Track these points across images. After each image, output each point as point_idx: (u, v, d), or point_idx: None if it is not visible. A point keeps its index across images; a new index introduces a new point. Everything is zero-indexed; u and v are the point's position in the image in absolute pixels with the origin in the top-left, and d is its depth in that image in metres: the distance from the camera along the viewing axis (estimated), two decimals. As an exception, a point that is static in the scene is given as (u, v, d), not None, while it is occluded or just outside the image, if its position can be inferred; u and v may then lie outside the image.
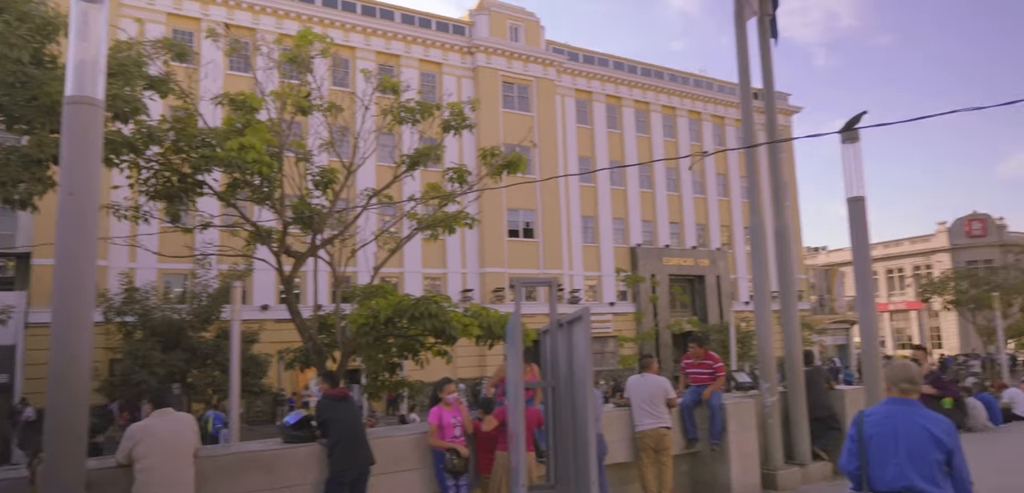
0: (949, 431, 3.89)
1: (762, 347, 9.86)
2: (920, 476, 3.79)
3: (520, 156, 14.44)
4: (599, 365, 36.63)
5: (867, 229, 8.16)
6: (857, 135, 8.57)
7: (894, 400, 4.07)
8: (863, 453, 3.99)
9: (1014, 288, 37.20)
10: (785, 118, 48.67)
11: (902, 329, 55.53)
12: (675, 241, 42.70)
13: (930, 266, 52.11)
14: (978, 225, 52.62)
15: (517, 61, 37.90)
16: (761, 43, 11.03)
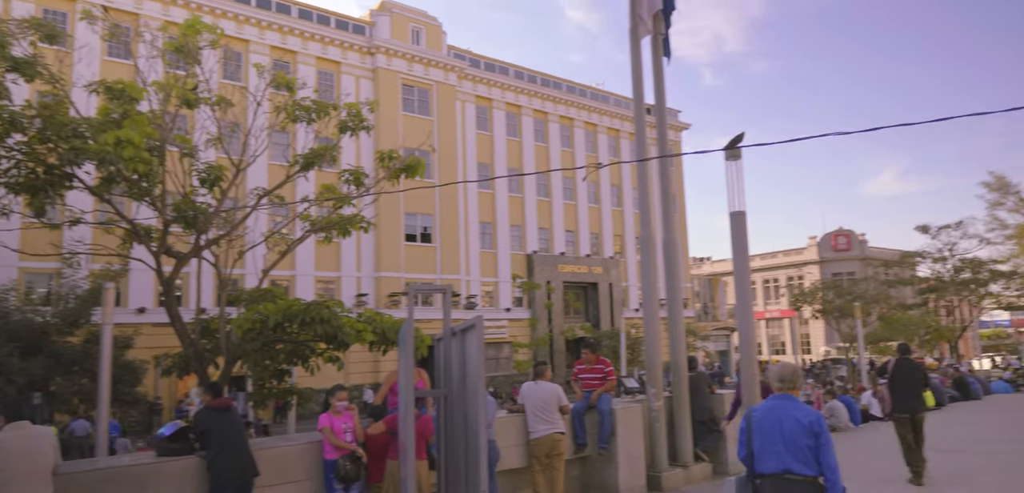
0: (818, 422, 4.62)
1: (650, 353, 10.24)
2: (795, 460, 4.51)
3: (419, 160, 14.31)
4: (494, 371, 36.85)
5: (747, 241, 8.64)
6: (739, 153, 9.07)
7: (776, 396, 4.78)
8: (750, 442, 4.73)
9: (873, 298, 40.58)
10: (675, 133, 50.94)
11: (776, 335, 59.34)
12: (570, 249, 43.66)
13: (802, 277, 56.01)
14: (843, 240, 57.04)
15: (418, 64, 37.61)
16: (654, 61, 11.48)
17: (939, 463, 10.10)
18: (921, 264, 43.82)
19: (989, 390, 22.88)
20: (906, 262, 45.99)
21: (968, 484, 9.41)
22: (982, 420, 16.12)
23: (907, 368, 10.13)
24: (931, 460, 9.64)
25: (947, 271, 39.79)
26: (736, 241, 8.72)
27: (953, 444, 12.36)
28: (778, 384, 4.82)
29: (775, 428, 4.63)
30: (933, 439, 10.43)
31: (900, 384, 10.00)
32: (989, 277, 39.34)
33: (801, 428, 4.55)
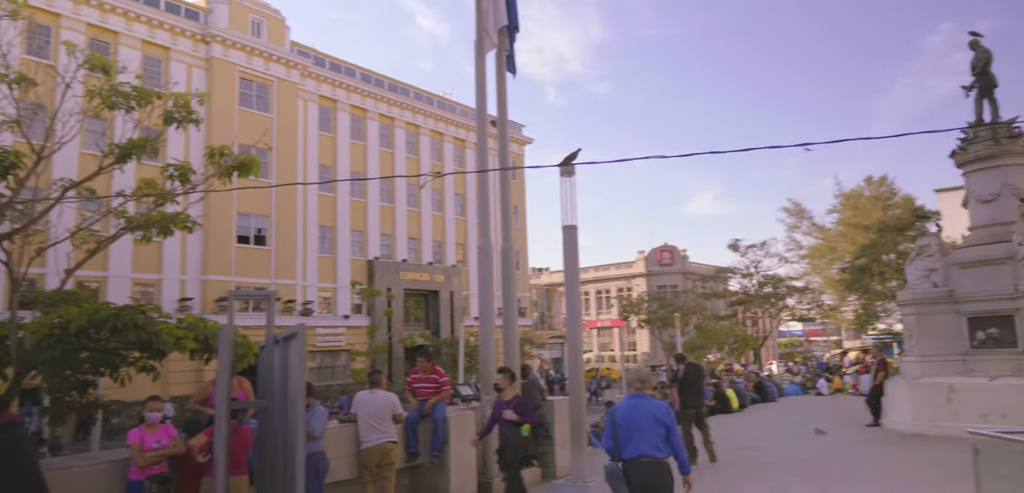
0: (667, 413, 5.76)
1: (485, 361, 10.46)
2: (650, 445, 5.60)
3: (253, 158, 13.59)
4: (330, 380, 35.76)
5: (577, 254, 9.13)
6: (573, 170, 9.56)
7: (633, 395, 5.88)
8: (615, 434, 5.73)
9: (690, 309, 44.26)
10: (519, 147, 52.41)
11: (606, 344, 62.77)
12: (413, 256, 43.46)
13: (631, 289, 59.71)
14: (667, 255, 61.58)
15: (258, 58, 35.74)
16: (498, 75, 11.79)
17: (739, 453, 11.22)
18: (732, 279, 48.40)
19: (783, 392, 25.76)
20: (719, 277, 50.55)
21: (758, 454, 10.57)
22: (775, 418, 18.06)
23: (692, 372, 12.10)
24: (737, 450, 10.70)
25: (753, 286, 44.26)
26: (568, 254, 9.18)
27: (751, 437, 13.80)
28: (639, 384, 5.92)
29: (634, 420, 5.67)
30: (737, 431, 11.57)
31: (686, 386, 11.83)
32: (786, 292, 44.26)
33: (654, 419, 5.65)
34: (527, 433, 7.90)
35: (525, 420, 7.91)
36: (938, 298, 14.64)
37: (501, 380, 8.30)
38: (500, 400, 8.22)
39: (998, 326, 13.77)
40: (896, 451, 12.25)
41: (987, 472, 7.59)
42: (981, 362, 13.83)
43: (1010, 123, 15.22)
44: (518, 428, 7.88)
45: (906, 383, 14.52)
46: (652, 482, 5.57)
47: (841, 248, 48.25)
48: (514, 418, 7.89)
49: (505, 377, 8.29)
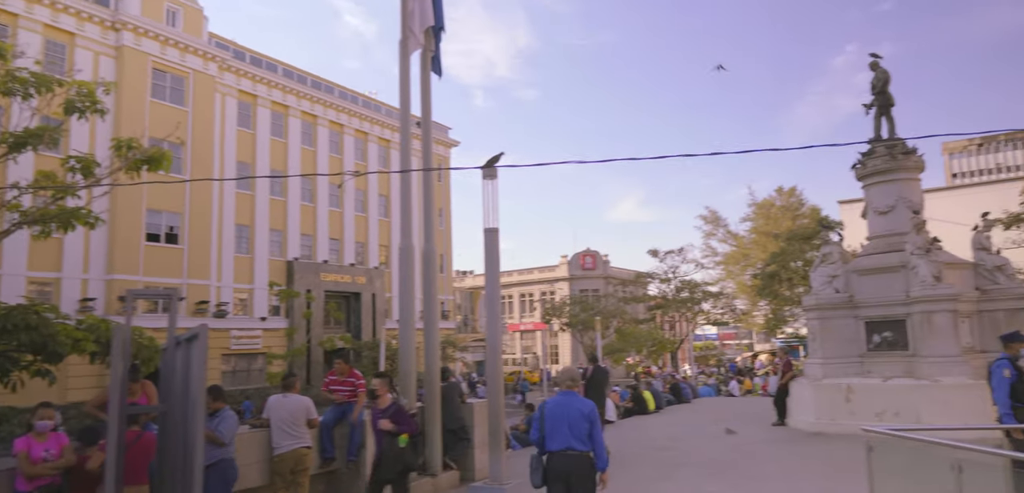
0: (592, 411, 6.24)
1: (404, 364, 10.35)
2: (575, 439, 6.06)
3: (164, 152, 13.08)
4: (246, 383, 34.58)
5: (498, 257, 9.18)
6: (495, 173, 9.61)
7: (563, 392, 6.34)
8: (543, 427, 6.22)
9: (611, 313, 45.17)
10: (444, 149, 52.18)
11: (529, 346, 63.28)
12: (334, 257, 42.57)
13: (553, 292, 60.42)
14: (590, 260, 62.65)
15: (173, 48, 34.17)
16: (422, 75, 11.72)
17: (655, 453, 11.51)
18: (651, 284, 49.73)
19: (697, 394, 26.66)
20: (639, 281, 51.83)
21: (674, 476, 10.92)
22: (689, 418, 18.63)
23: (598, 374, 13.56)
24: (653, 451, 10.96)
25: (671, 291, 45.63)
26: (489, 256, 9.22)
27: (667, 437, 14.20)
28: (569, 383, 6.42)
29: (562, 416, 6.15)
30: (654, 432, 11.86)
31: (591, 385, 13.01)
32: (702, 297, 45.86)
33: (581, 416, 6.14)
34: (405, 444, 7.39)
35: (403, 430, 7.40)
36: (839, 303, 15.47)
37: (378, 386, 7.76)
38: (376, 409, 7.67)
39: (892, 330, 14.68)
40: (799, 449, 12.86)
41: (879, 467, 8.06)
42: (877, 364, 14.70)
43: (904, 141, 16.27)
44: (395, 439, 7.37)
45: (809, 384, 15.27)
46: (574, 472, 6.02)
47: (754, 255, 50.41)
48: (390, 428, 7.38)
49: (383, 382, 7.79)
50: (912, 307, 14.26)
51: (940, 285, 13.99)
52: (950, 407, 12.52)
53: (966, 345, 14.01)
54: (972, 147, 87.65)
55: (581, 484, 6.02)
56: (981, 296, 14.96)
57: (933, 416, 12.63)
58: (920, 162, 16.24)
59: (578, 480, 6.01)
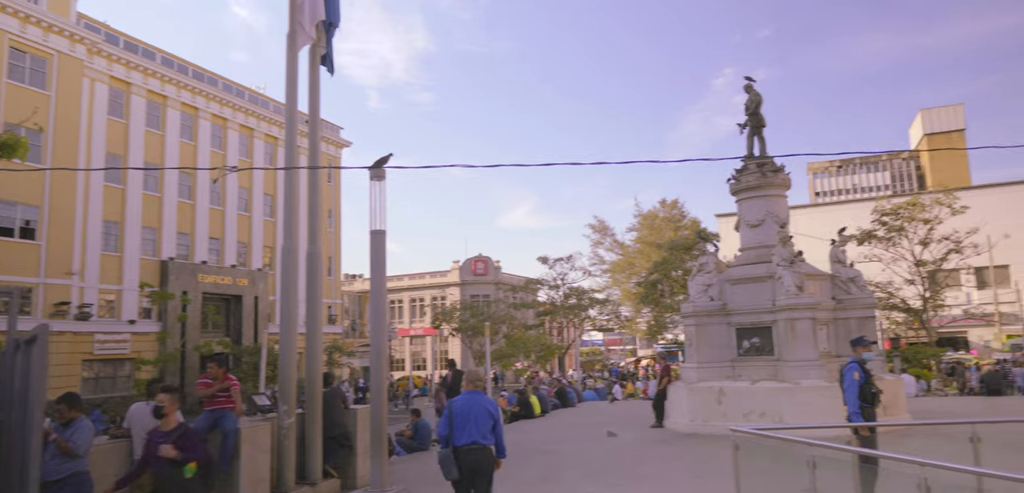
0: (495, 408, 6.97)
1: (284, 369, 9.94)
2: (480, 434, 6.72)
3: (19, 138, 11.99)
4: (110, 391, 32.18)
5: (384, 259, 9.02)
6: (383, 174, 9.45)
7: (470, 391, 6.98)
8: (452, 423, 6.77)
9: (500, 319, 45.57)
10: (335, 149, 50.85)
11: (419, 352, 62.76)
12: (214, 258, 40.46)
13: (445, 298, 60.24)
14: (482, 265, 62.96)
15: (35, 27, 31.29)
16: (311, 71, 11.34)
17: (538, 456, 11.68)
18: (541, 290, 50.60)
19: (582, 398, 27.36)
20: (529, 288, 52.64)
21: (557, 479, 11.12)
22: (573, 422, 19.11)
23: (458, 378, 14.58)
24: (536, 454, 11.10)
25: (559, 297, 46.62)
26: (375, 259, 9.04)
27: (550, 440, 14.46)
28: (475, 383, 7.11)
29: (469, 413, 6.77)
30: (538, 436, 12.02)
31: (452, 390, 13.78)
32: (589, 303, 47.16)
33: (486, 413, 6.81)
34: (191, 474, 6.18)
35: (189, 458, 6.19)
36: (713, 311, 16.34)
37: (166, 402, 6.40)
38: (157, 431, 6.35)
39: (760, 336, 15.67)
40: (674, 449, 13.45)
41: (745, 465, 8.54)
42: (746, 368, 15.64)
43: (773, 159, 17.43)
44: (179, 469, 6.12)
45: (685, 387, 16.02)
46: (480, 464, 6.70)
47: (638, 264, 52.43)
48: (174, 456, 6.10)
49: (171, 398, 6.45)
50: (778, 315, 15.26)
51: (802, 295, 15.07)
52: (809, 408, 13.48)
53: (824, 350, 15.16)
54: (833, 168, 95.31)
55: (485, 474, 6.77)
56: (837, 305, 16.25)
57: (794, 416, 13.56)
58: (787, 180, 17.44)
59: (483, 470, 6.74)
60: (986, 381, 25.45)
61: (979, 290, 47.18)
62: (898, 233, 37.97)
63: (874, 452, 7.49)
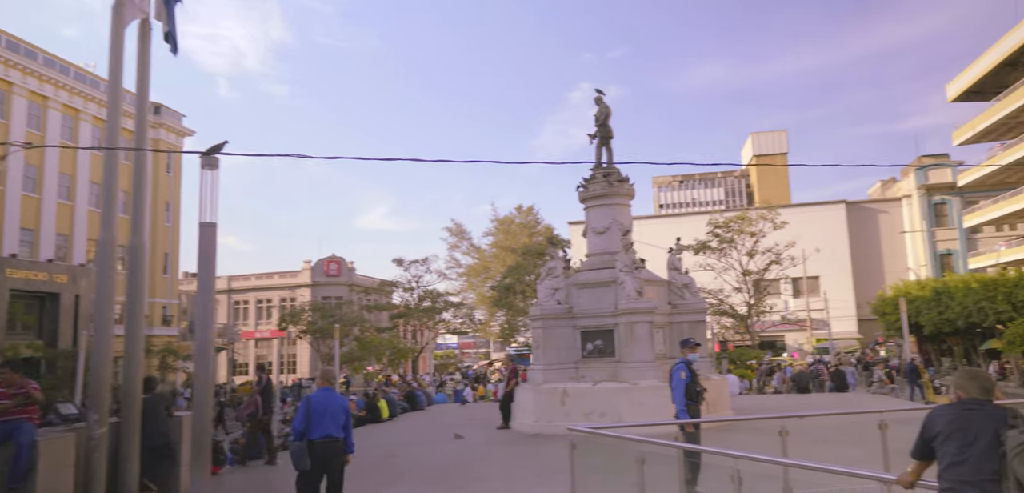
0: (347, 404, 7.60)
1: (97, 373, 8.98)
2: (335, 428, 7.27)
3: None
4: None
5: (214, 255, 8.40)
6: (216, 162, 8.81)
7: (324, 388, 7.55)
8: (309, 418, 7.20)
9: (351, 321, 44.41)
10: (178, 137, 47.25)
11: (265, 355, 59.68)
12: (27, 251, 36.15)
13: (294, 299, 57.73)
14: (335, 266, 61.05)
15: None
16: (140, 49, 10.37)
17: (381, 461, 11.40)
18: (395, 292, 49.86)
19: (432, 401, 27.19)
20: (383, 290, 51.70)
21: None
22: (421, 425, 18.89)
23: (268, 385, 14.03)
24: (380, 459, 10.81)
25: (414, 299, 46.16)
26: (203, 254, 8.41)
27: (395, 444, 14.20)
28: (327, 380, 7.76)
29: (325, 408, 7.30)
30: (383, 440, 11.71)
31: (268, 395, 13.54)
32: (444, 306, 47.07)
33: (340, 408, 7.44)
34: None
35: None
36: (560, 314, 16.82)
37: None
38: None
39: (603, 338, 16.31)
40: (519, 450, 13.65)
41: (583, 463, 8.79)
42: (589, 369, 16.22)
43: (619, 170, 18.26)
44: None
45: (531, 389, 16.35)
46: (333, 456, 7.27)
47: (494, 268, 53.10)
48: None
49: None
50: (619, 318, 15.97)
51: (641, 299, 15.87)
52: (645, 407, 14.19)
53: (660, 351, 16.06)
54: (676, 183, 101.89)
55: (338, 465, 7.38)
56: (672, 310, 17.29)
57: (632, 415, 14.21)
58: (631, 190, 18.33)
59: (336, 462, 7.35)
60: (796, 380, 28.18)
61: (795, 298, 52.31)
62: (728, 245, 41.23)
63: (692, 446, 7.95)
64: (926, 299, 36.56)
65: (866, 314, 47.12)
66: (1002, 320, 33.49)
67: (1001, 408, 4.25)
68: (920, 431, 4.56)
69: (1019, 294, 32.91)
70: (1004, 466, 3.95)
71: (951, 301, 35.51)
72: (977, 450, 4.07)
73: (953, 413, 4.35)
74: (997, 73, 42.90)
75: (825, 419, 12.77)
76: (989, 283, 34.82)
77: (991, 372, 34.76)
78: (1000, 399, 9.40)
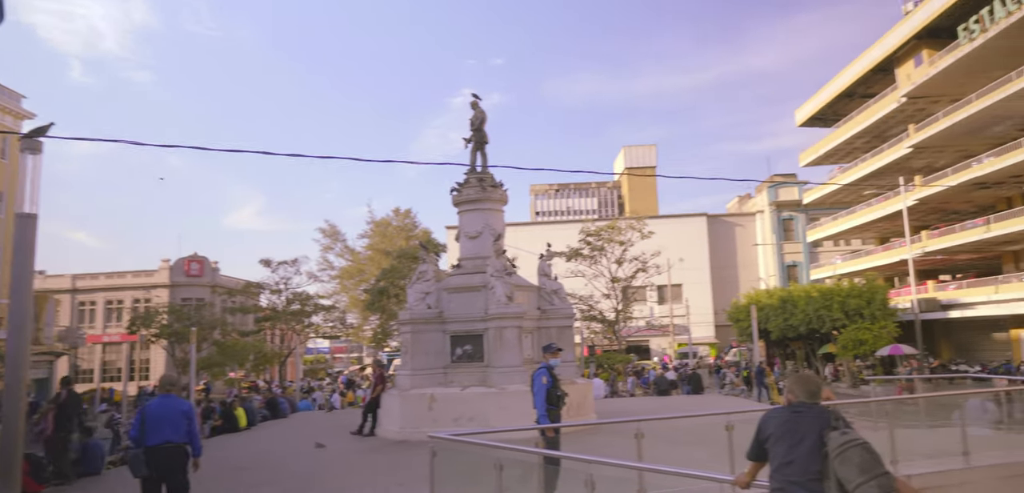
0: (189, 408, 7.73)
1: None
2: (175, 433, 7.38)
3: None
4: None
5: (33, 250, 7.49)
6: (39, 146, 7.88)
7: (164, 395, 7.65)
8: (144, 426, 7.30)
9: (211, 324, 41.83)
10: (15, 120, 42.55)
11: (113, 361, 54.98)
12: None
13: (150, 300, 53.62)
14: (196, 266, 57.37)
15: None
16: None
17: (233, 474, 10.68)
18: (262, 294, 47.50)
19: (296, 408, 26.04)
20: (249, 292, 49.13)
21: None
22: (282, 434, 17.99)
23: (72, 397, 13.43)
24: (232, 472, 10.09)
25: (281, 302, 44.16)
26: (21, 248, 7.47)
27: (252, 456, 13.40)
28: (169, 387, 7.83)
29: (164, 415, 7.36)
30: (239, 451, 10.98)
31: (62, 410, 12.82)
32: (314, 309, 45.38)
33: (181, 414, 7.50)
34: None
35: None
36: (430, 318, 16.57)
37: None
38: None
39: (472, 343, 16.23)
40: (383, 457, 13.27)
41: (445, 470, 8.63)
42: (458, 374, 16.08)
43: (492, 175, 18.29)
44: None
45: (398, 394, 15.99)
46: (173, 462, 7.30)
47: (368, 271, 51.91)
48: None
49: None
50: (489, 323, 15.96)
51: (511, 304, 15.94)
52: (512, 411, 14.21)
53: (528, 357, 16.18)
54: (552, 191, 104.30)
55: (179, 470, 7.37)
56: (541, 315, 17.51)
57: (499, 420, 14.20)
58: (504, 195, 18.41)
59: (177, 467, 7.34)
60: (657, 383, 29.50)
61: (659, 305, 54.98)
62: (599, 252, 42.63)
63: (547, 451, 7.99)
64: (774, 307, 39.48)
65: (723, 320, 50.27)
66: (837, 326, 36.79)
67: (826, 410, 4.49)
68: (755, 433, 4.77)
69: (851, 303, 36.28)
70: (827, 466, 4.18)
71: (795, 309, 38.57)
72: (803, 451, 4.28)
73: (783, 416, 4.57)
74: (837, 103, 47.34)
75: (680, 421, 13.36)
76: (827, 293, 38.15)
77: (827, 374, 38.16)
78: (832, 400, 10.16)
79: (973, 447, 10.12)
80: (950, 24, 33.58)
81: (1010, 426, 11.50)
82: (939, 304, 38.87)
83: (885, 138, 42.89)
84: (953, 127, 35.31)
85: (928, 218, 42.21)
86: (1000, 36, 30.36)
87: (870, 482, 3.95)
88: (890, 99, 40.02)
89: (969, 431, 10.34)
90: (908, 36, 38.31)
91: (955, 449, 10.12)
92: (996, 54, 31.38)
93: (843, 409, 10.75)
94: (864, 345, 34.34)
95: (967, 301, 37.28)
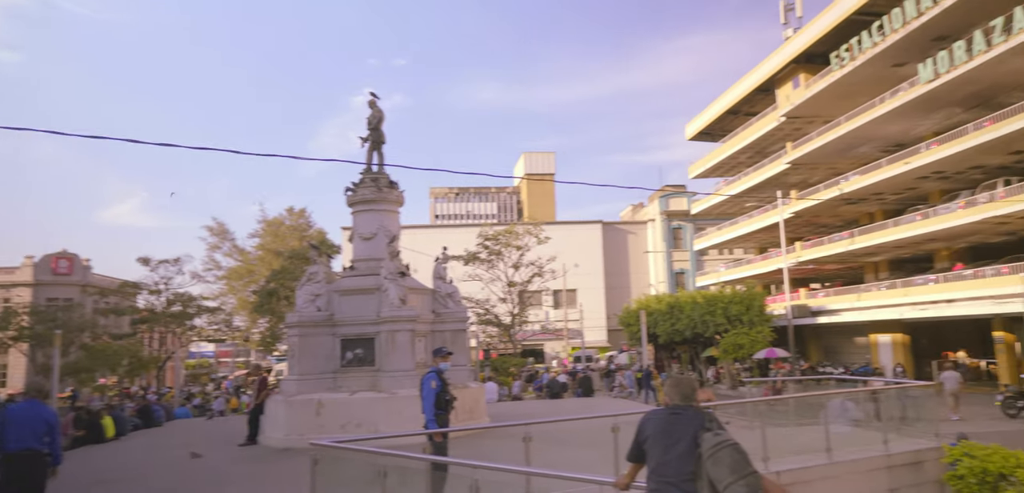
0: (52, 416, 7.59)
1: None
2: (36, 441, 7.23)
3: None
4: None
5: None
6: None
7: (29, 400, 7.56)
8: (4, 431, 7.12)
9: (79, 326, 38.74)
10: None
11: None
12: None
13: (9, 299, 49.02)
14: (65, 263, 53.10)
15: None
16: None
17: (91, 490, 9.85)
18: (139, 295, 44.45)
19: (172, 415, 24.49)
20: (124, 292, 45.88)
21: None
22: (154, 444, 16.83)
23: None
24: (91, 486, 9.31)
25: (161, 303, 41.50)
26: None
27: (116, 469, 12.43)
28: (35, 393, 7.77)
29: (26, 421, 7.24)
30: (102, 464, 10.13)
31: None
32: (196, 311, 42.92)
33: (42, 420, 7.35)
34: None
35: None
36: (320, 321, 16.02)
37: None
38: None
39: (363, 347, 15.81)
40: (265, 467, 12.67)
41: (329, 477, 8.31)
42: (348, 379, 15.62)
43: (388, 175, 17.93)
44: None
45: (283, 400, 15.34)
46: (32, 469, 7.17)
47: (259, 272, 49.67)
48: None
49: None
50: (381, 326, 15.60)
51: (404, 307, 15.66)
52: (402, 416, 13.95)
53: (420, 360, 15.94)
54: (452, 194, 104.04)
55: (39, 478, 7.25)
56: (435, 318, 17.32)
57: (389, 425, 13.89)
58: (400, 197, 18.09)
59: (37, 475, 7.22)
60: (549, 387, 29.93)
61: (555, 309, 55.95)
62: (496, 257, 42.87)
63: (432, 457, 7.89)
64: (662, 312, 41.05)
65: (615, 325, 51.75)
66: (720, 331, 38.71)
67: (701, 412, 4.63)
68: (635, 435, 4.85)
69: (733, 309, 38.28)
70: (700, 467, 4.29)
71: (681, 314, 40.26)
72: (678, 452, 4.39)
73: (661, 418, 4.67)
74: (723, 119, 49.96)
75: (569, 423, 13.54)
76: (711, 299, 40.08)
77: (710, 376, 40.08)
78: (710, 401, 10.56)
79: (835, 444, 10.85)
80: (825, 51, 36.13)
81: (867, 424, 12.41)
82: (809, 311, 41.66)
83: (766, 154, 45.59)
84: (825, 146, 37.99)
85: (802, 230, 45.18)
86: (867, 64, 32.96)
87: (739, 482, 4.10)
88: (771, 118, 42.58)
89: (831, 429, 11.08)
90: (788, 60, 40.96)
91: (819, 446, 10.81)
92: (864, 81, 34.06)
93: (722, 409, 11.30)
94: (743, 349, 36.35)
95: (834, 308, 40.18)
